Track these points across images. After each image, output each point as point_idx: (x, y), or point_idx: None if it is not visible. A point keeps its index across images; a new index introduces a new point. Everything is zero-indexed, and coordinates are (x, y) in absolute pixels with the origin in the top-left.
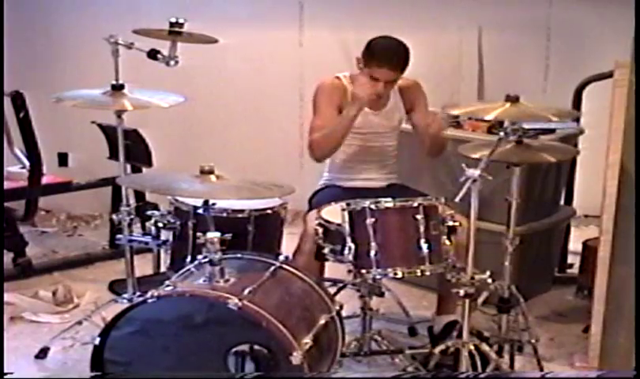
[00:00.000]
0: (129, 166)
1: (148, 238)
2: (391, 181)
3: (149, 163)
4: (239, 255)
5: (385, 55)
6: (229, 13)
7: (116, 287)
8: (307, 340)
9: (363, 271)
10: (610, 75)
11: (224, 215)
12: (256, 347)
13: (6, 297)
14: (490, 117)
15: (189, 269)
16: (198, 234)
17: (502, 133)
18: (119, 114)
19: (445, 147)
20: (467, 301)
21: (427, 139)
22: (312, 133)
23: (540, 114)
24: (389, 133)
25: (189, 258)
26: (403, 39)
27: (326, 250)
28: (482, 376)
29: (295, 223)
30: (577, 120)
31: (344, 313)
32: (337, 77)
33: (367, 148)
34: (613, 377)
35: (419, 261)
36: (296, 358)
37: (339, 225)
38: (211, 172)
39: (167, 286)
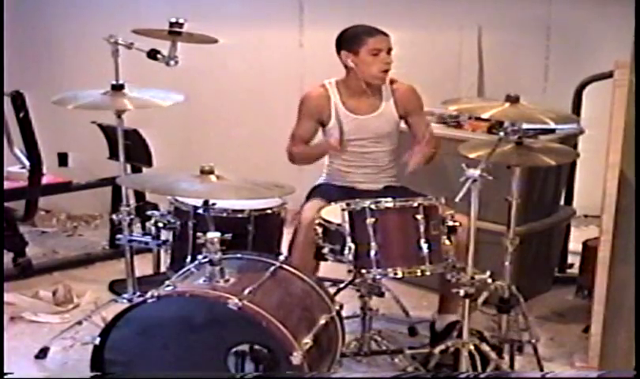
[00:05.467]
0: (129, 166)
1: (148, 238)
2: (388, 184)
3: (149, 163)
4: (239, 255)
5: (368, 27)
6: (229, 13)
7: (116, 287)
8: (307, 340)
9: (363, 271)
10: (610, 75)
11: (224, 215)
12: (256, 347)
13: (6, 297)
14: (488, 115)
15: (189, 269)
16: (198, 234)
17: (502, 133)
18: (119, 114)
19: (436, 155)
20: (467, 301)
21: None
22: (292, 141)
23: (539, 118)
24: (384, 138)
25: (189, 258)
26: (403, 39)
27: (326, 250)
28: (482, 376)
29: (295, 223)
30: (577, 121)
31: (344, 313)
32: (323, 85)
33: (361, 154)
34: (613, 377)
35: (419, 261)
36: (296, 358)
37: (339, 225)
38: (211, 172)
39: (167, 286)
